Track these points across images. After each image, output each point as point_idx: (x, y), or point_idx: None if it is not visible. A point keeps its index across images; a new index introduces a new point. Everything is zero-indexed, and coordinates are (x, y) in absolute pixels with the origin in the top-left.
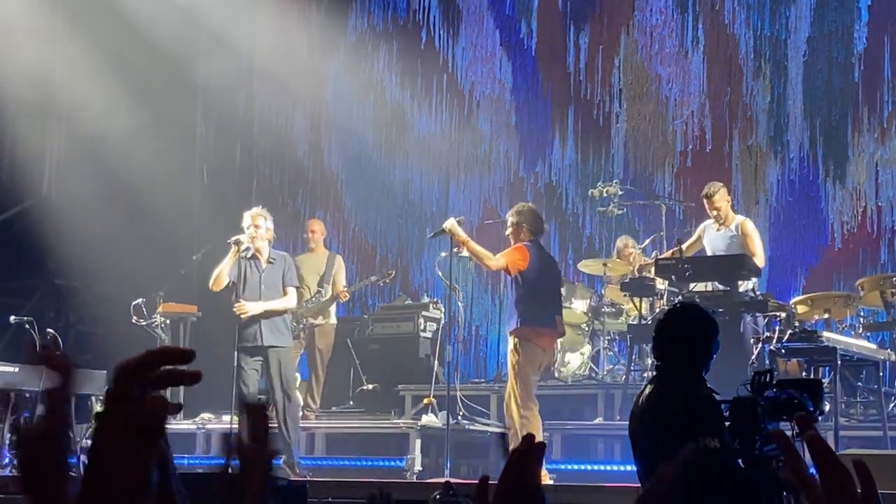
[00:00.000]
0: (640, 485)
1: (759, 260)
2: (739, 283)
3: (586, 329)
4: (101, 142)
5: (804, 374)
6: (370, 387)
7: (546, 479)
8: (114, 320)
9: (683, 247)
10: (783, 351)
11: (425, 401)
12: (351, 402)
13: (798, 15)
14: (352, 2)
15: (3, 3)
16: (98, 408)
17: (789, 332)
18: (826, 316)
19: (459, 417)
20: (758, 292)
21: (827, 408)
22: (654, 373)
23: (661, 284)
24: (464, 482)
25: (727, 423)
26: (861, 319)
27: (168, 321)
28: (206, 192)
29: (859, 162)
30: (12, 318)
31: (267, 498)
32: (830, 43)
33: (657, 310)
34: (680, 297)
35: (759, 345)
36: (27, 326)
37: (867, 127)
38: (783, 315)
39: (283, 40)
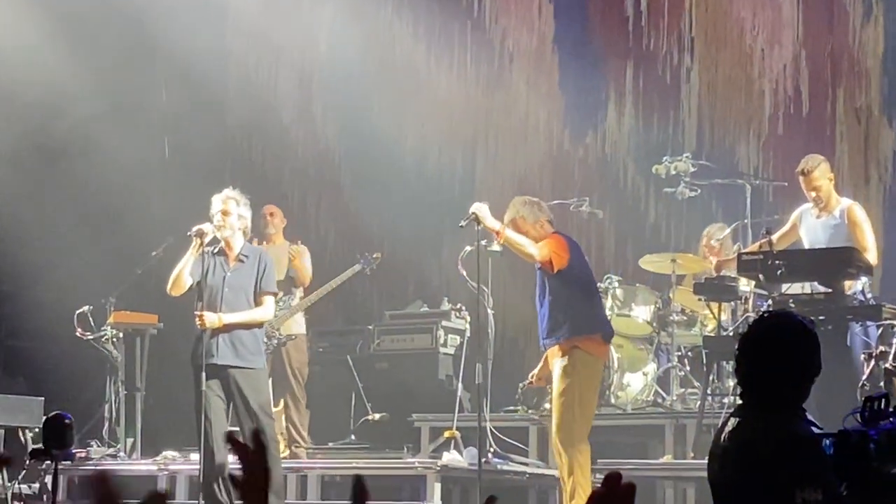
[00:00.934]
0: None
1: (871, 255)
2: (846, 283)
3: (650, 343)
4: (37, 108)
5: None
6: (376, 417)
7: None
8: (53, 334)
9: (773, 238)
10: None
11: (447, 434)
12: (352, 437)
13: None
14: None
15: None
16: (32, 443)
17: None
18: None
19: (490, 455)
20: (869, 295)
21: None
22: (740, 401)
23: (745, 286)
24: None
25: (832, 465)
26: None
27: (121, 334)
28: (168, 172)
29: None
30: None
31: None
32: None
33: (741, 318)
34: (769, 303)
35: (872, 362)
36: None
37: None
38: None
39: None
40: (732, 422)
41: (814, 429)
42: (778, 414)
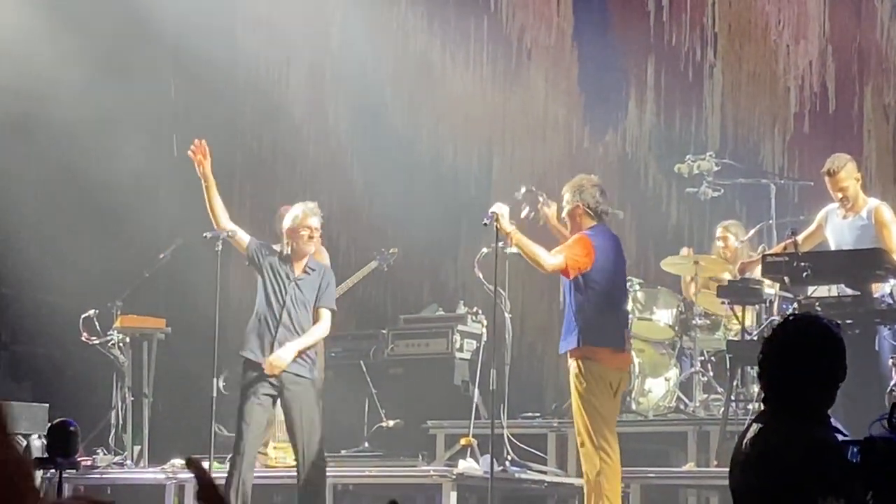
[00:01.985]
0: None
1: None
2: (874, 286)
3: (672, 347)
4: (40, 102)
5: None
6: (390, 423)
7: None
8: (58, 338)
9: (799, 239)
10: None
11: (463, 441)
12: (366, 444)
13: None
14: None
15: None
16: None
17: None
18: None
19: (507, 463)
20: None
21: None
22: (762, 406)
23: (770, 288)
24: None
25: (859, 472)
26: None
27: (128, 339)
28: (177, 170)
29: None
30: None
31: None
32: None
33: (765, 322)
34: (795, 306)
35: None
36: None
37: None
38: None
39: None
40: (755, 428)
41: (839, 436)
42: (802, 420)
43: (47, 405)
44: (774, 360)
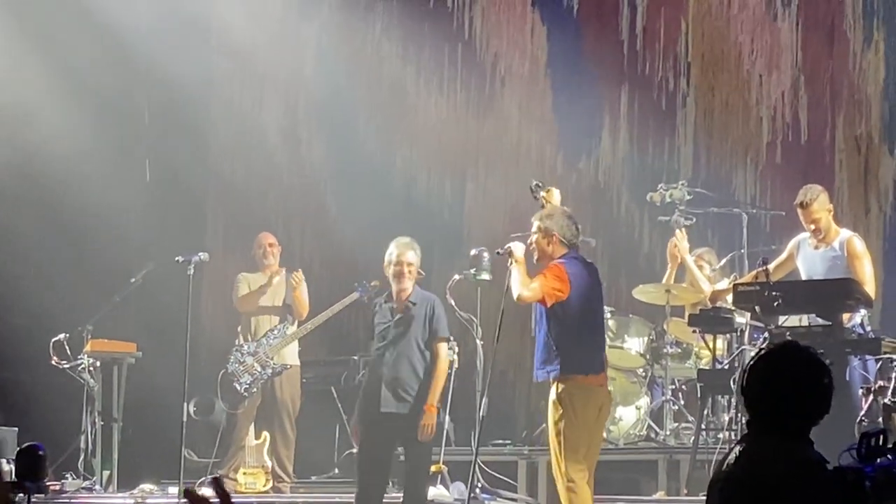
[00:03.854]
0: None
1: (870, 287)
2: (845, 316)
3: (643, 375)
4: (11, 127)
5: None
6: None
7: None
8: (28, 362)
9: (770, 267)
10: None
11: (433, 468)
12: (336, 470)
13: None
14: None
15: None
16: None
17: None
18: None
19: (478, 491)
20: (868, 328)
21: None
22: (745, 430)
23: (741, 317)
24: None
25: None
26: None
27: (98, 363)
28: (149, 195)
29: None
30: None
31: None
32: None
33: (736, 351)
34: (766, 335)
35: (871, 397)
36: None
37: None
38: None
39: None
40: (736, 450)
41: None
42: (784, 439)
43: (16, 429)
44: (763, 384)
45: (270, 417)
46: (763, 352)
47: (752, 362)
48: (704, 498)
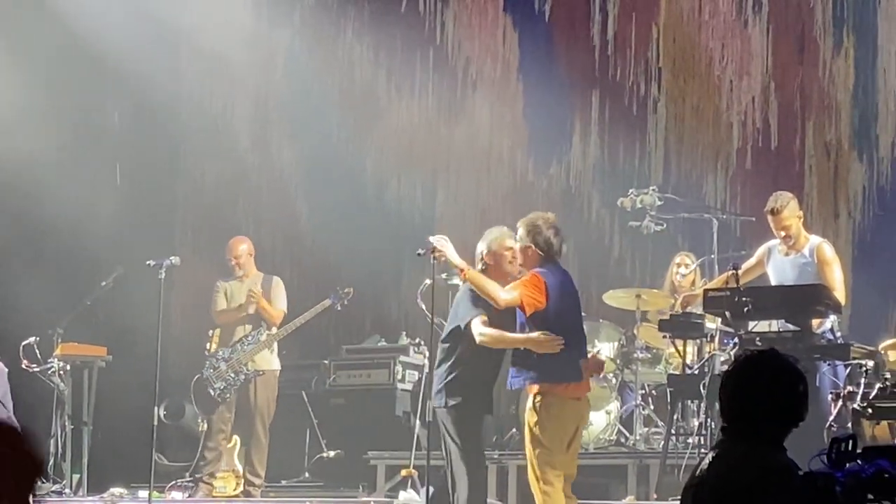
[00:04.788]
0: None
1: (840, 293)
2: (814, 322)
3: (613, 380)
4: None
5: None
6: (331, 454)
7: None
8: None
9: (740, 273)
10: (870, 411)
11: (403, 473)
12: (306, 475)
13: None
14: None
15: None
16: None
17: (878, 386)
18: None
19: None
20: (838, 334)
21: None
22: (720, 436)
23: (711, 323)
24: None
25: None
26: None
27: (68, 367)
28: (119, 198)
29: None
30: None
31: None
32: None
33: (706, 356)
34: (735, 341)
35: (840, 402)
36: None
37: None
38: (870, 364)
39: (220, 2)
40: (711, 455)
41: (796, 468)
42: (757, 445)
43: None
44: (737, 390)
45: (244, 423)
46: (739, 358)
47: (728, 369)
48: (673, 503)
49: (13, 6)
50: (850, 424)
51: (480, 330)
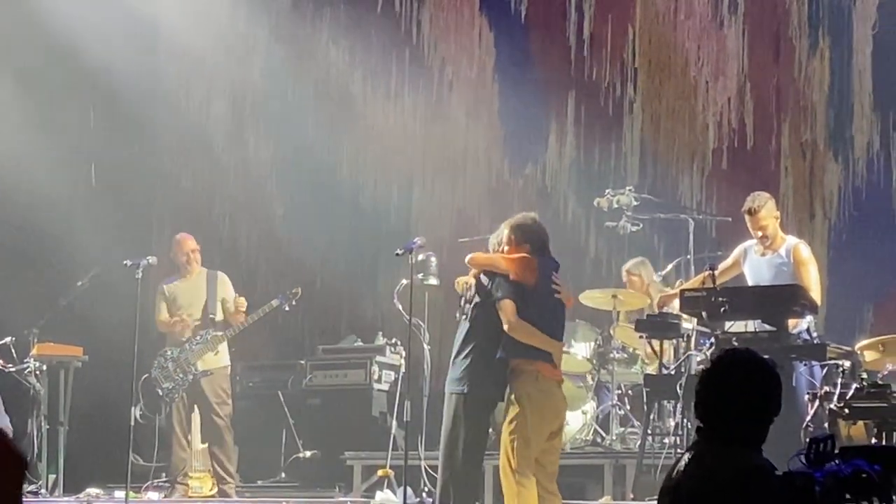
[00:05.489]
0: None
1: (816, 294)
2: (791, 322)
3: (590, 381)
4: None
5: (874, 440)
6: (307, 454)
7: None
8: None
9: (716, 273)
10: (847, 411)
11: (380, 473)
12: (282, 475)
13: None
14: None
15: None
16: None
17: (854, 386)
18: None
19: (424, 495)
20: (814, 335)
21: None
22: (696, 437)
23: (687, 323)
24: None
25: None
26: None
27: (44, 367)
28: (95, 198)
29: None
30: None
31: None
32: None
33: (682, 357)
34: (712, 341)
35: (817, 402)
36: None
37: None
38: (846, 364)
39: (197, 1)
40: (687, 456)
41: (773, 469)
42: (734, 446)
43: None
44: (710, 390)
45: (204, 422)
46: (714, 358)
47: (703, 369)
48: (650, 503)
49: None
50: (826, 425)
51: (513, 318)
